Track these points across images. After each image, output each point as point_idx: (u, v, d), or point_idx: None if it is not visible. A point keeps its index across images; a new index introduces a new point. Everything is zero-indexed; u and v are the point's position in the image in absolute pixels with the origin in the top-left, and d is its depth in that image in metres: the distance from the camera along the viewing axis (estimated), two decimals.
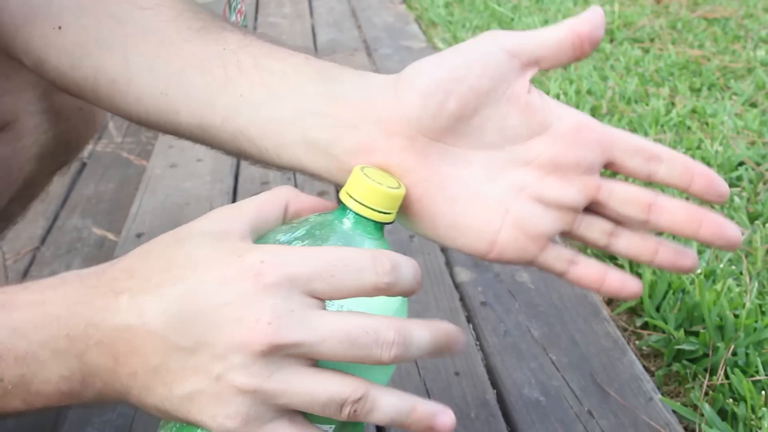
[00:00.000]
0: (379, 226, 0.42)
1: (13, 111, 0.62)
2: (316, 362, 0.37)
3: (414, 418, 0.37)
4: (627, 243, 0.45)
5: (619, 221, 0.44)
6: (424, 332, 0.38)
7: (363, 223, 0.41)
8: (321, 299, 0.37)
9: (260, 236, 0.41)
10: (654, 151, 0.43)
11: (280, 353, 0.35)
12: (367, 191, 0.41)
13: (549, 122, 0.42)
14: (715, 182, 0.42)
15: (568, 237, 0.45)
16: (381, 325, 0.36)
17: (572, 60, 0.43)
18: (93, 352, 0.37)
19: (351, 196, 0.41)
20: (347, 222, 0.41)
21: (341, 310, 0.38)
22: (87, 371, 0.38)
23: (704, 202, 0.43)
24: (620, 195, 0.43)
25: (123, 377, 0.37)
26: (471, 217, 0.43)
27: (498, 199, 0.43)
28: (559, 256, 0.45)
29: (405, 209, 0.44)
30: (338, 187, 0.44)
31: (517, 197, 0.43)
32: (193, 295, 0.36)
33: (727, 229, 0.42)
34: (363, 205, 0.41)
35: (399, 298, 0.41)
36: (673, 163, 0.43)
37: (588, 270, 0.45)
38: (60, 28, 0.49)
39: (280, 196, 0.42)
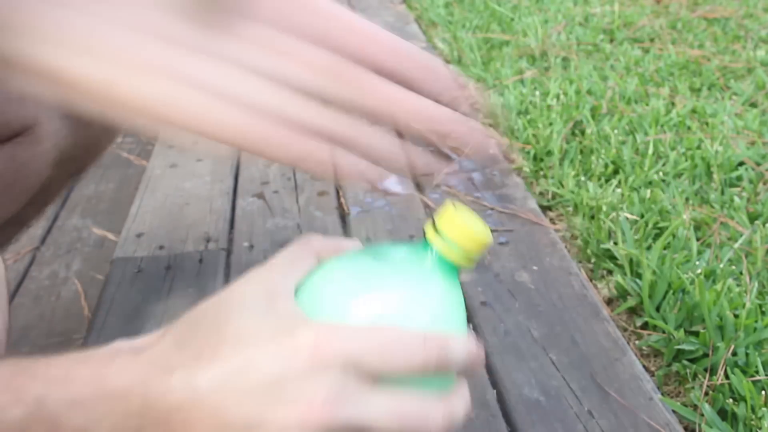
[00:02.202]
0: (458, 269, 0.41)
1: (33, 115, 0.62)
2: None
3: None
4: None
5: None
6: (462, 408, 0.40)
7: (445, 265, 0.41)
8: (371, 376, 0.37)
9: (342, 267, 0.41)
10: None
11: (335, 430, 0.36)
12: (463, 236, 0.40)
13: None
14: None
15: None
16: (432, 409, 0.38)
17: None
18: (149, 429, 0.37)
19: (442, 236, 0.40)
20: (430, 262, 0.41)
21: (393, 389, 0.38)
22: None
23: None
24: None
25: None
26: None
27: None
28: None
29: None
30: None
31: None
32: (246, 372, 0.36)
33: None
34: (455, 249, 0.40)
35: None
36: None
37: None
38: None
39: (312, 246, 0.43)
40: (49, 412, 0.37)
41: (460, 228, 0.40)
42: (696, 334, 0.82)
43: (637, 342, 0.85)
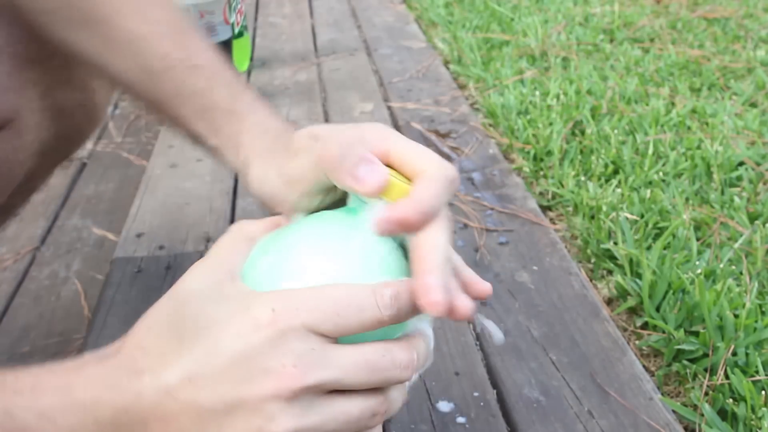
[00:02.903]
0: None
1: (14, 108, 0.63)
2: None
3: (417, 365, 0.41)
4: None
5: None
6: (425, 348, 0.42)
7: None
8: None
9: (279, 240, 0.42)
10: None
11: (310, 392, 0.37)
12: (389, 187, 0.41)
13: None
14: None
15: None
16: (395, 346, 0.39)
17: None
18: None
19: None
20: (360, 219, 0.42)
21: (355, 343, 0.39)
22: None
23: None
24: None
25: None
26: None
27: None
28: None
29: None
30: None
31: None
32: (212, 358, 0.37)
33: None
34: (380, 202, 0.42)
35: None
36: None
37: None
38: None
39: (245, 232, 0.44)
40: (18, 424, 0.37)
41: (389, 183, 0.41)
42: (696, 334, 0.82)
43: (637, 342, 0.85)
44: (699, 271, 0.89)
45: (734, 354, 0.78)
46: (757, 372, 0.75)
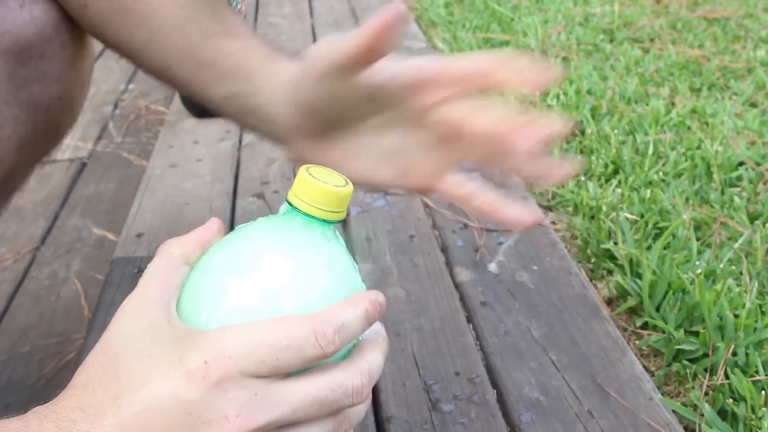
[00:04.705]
0: (332, 224, 0.41)
1: None
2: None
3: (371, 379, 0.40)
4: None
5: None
6: (379, 357, 0.40)
7: (314, 224, 0.41)
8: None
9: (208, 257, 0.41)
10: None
11: None
12: (316, 192, 0.40)
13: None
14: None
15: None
16: (345, 376, 0.38)
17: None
18: None
19: (300, 199, 0.40)
20: (299, 225, 0.41)
21: (301, 374, 0.37)
22: None
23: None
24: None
25: None
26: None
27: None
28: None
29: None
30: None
31: None
32: (152, 415, 0.36)
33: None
34: (313, 206, 0.40)
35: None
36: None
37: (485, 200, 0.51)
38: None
39: (175, 256, 0.42)
40: None
41: (314, 186, 0.40)
42: (696, 334, 0.82)
43: (637, 342, 0.85)
44: (699, 271, 0.89)
45: (734, 354, 0.78)
46: (757, 372, 0.75)
